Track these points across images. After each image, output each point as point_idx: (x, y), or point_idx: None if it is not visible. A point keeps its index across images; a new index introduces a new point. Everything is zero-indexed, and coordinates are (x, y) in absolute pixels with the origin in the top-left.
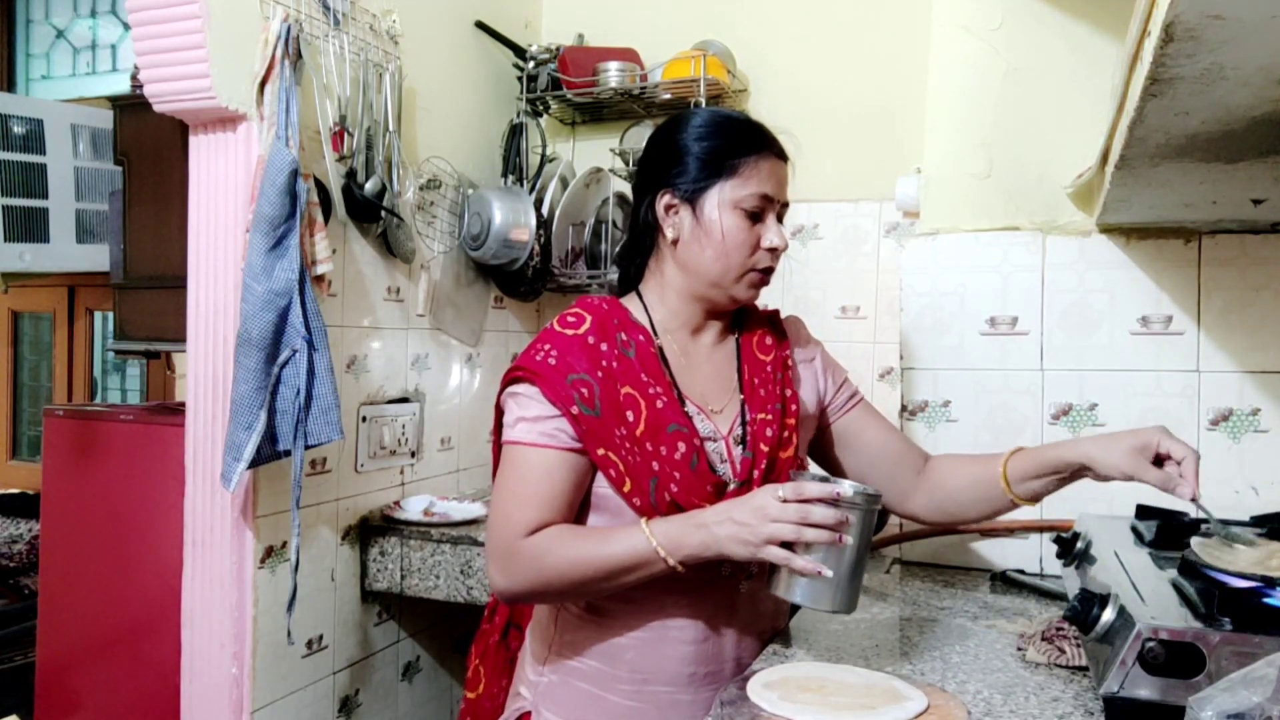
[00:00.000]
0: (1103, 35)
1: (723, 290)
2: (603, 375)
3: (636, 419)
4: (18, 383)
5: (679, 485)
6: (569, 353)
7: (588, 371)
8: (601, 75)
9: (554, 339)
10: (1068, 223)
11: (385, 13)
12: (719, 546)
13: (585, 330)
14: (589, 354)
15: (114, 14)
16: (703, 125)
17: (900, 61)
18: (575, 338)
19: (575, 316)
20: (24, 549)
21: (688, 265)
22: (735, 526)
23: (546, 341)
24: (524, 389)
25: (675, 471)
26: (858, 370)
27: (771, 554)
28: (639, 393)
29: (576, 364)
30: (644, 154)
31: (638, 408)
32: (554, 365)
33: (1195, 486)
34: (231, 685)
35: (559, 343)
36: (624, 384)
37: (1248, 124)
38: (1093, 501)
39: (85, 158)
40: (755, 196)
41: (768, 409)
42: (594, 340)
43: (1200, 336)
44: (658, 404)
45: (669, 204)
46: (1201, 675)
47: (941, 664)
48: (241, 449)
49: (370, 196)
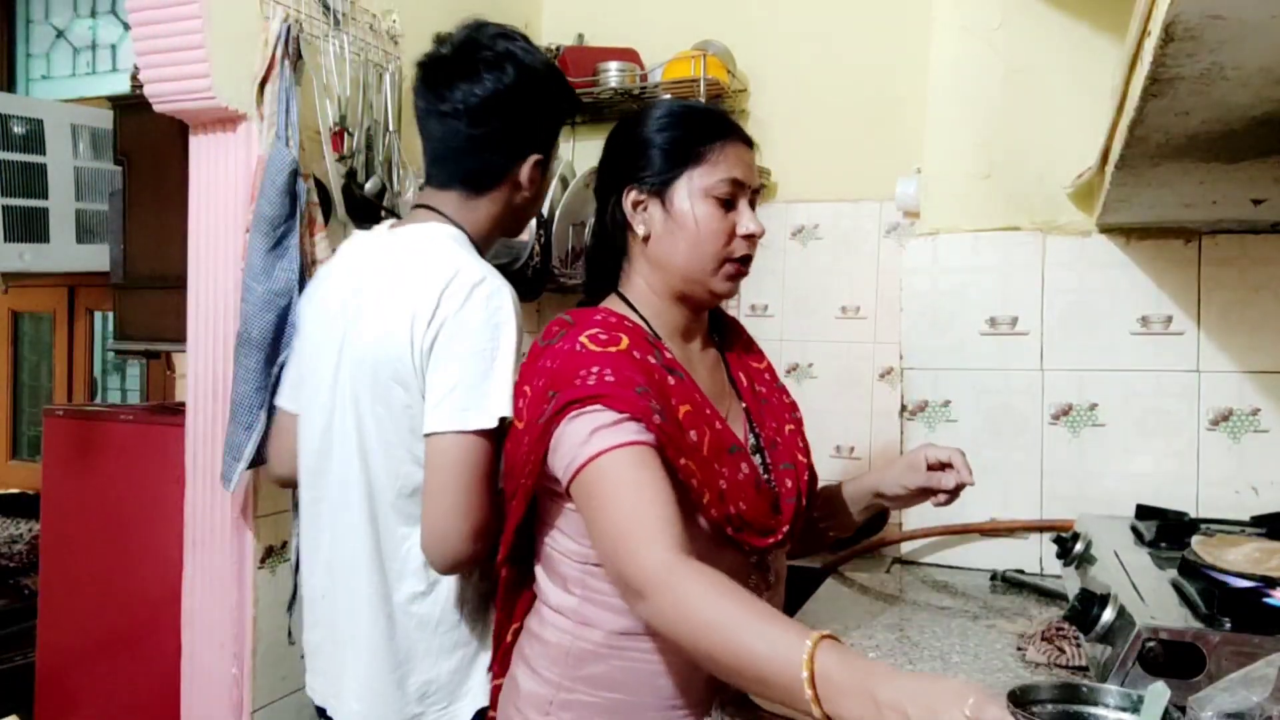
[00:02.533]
0: (1103, 35)
1: (700, 284)
2: (659, 391)
3: (700, 439)
4: (18, 383)
5: (747, 505)
6: (624, 368)
7: (649, 385)
8: (601, 75)
9: (599, 359)
10: (1068, 223)
11: (385, 13)
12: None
13: (627, 346)
14: (643, 370)
15: (114, 14)
16: (663, 116)
17: (900, 61)
18: (621, 354)
19: (606, 334)
20: (24, 549)
21: (662, 261)
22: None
23: (593, 364)
24: (588, 409)
25: (740, 493)
26: (858, 370)
27: None
28: (697, 412)
29: (636, 377)
30: (605, 153)
31: (700, 428)
32: (614, 381)
33: (967, 475)
34: (231, 685)
35: (607, 361)
36: (681, 402)
37: (1248, 124)
38: (1093, 501)
39: (85, 158)
40: (726, 182)
41: (788, 417)
42: (640, 355)
43: (1200, 336)
44: (716, 424)
45: (636, 200)
46: (1201, 675)
47: (941, 664)
48: (241, 449)
49: (370, 196)
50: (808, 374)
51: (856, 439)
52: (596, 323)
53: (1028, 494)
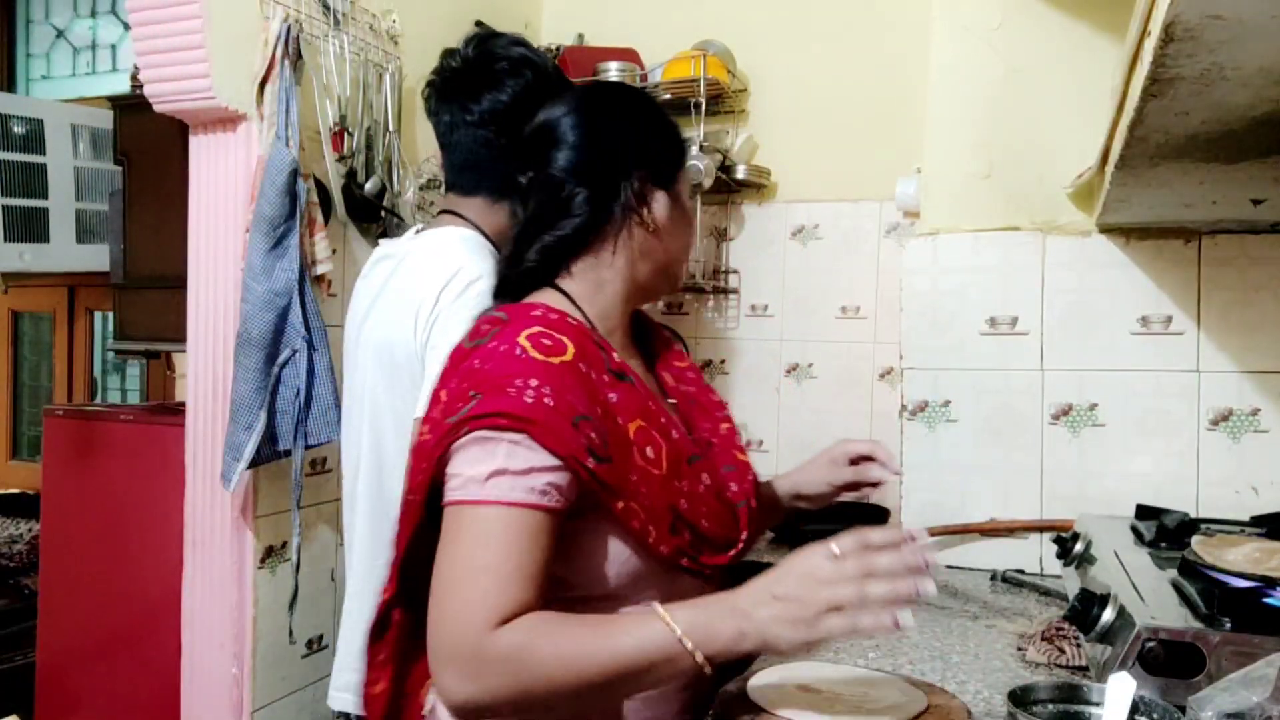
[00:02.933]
0: (1103, 35)
1: (674, 279)
2: (603, 412)
3: (657, 456)
4: (18, 383)
5: (709, 520)
6: (566, 388)
7: (589, 411)
8: (601, 75)
9: (540, 371)
10: (1068, 223)
11: (385, 13)
12: (761, 633)
13: (573, 356)
14: (586, 387)
15: (114, 14)
16: (659, 108)
17: (900, 61)
18: (565, 366)
19: (550, 337)
20: (24, 549)
21: (656, 254)
22: (781, 605)
23: (531, 374)
24: (512, 437)
25: (703, 506)
26: (858, 370)
27: (832, 628)
28: (651, 423)
29: (578, 402)
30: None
31: (656, 443)
32: (553, 406)
33: (893, 466)
34: (231, 685)
35: (549, 376)
36: (630, 419)
37: (1248, 124)
38: (1093, 501)
39: (85, 158)
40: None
41: (719, 415)
42: (585, 368)
43: (1200, 336)
44: (673, 433)
45: (649, 188)
46: (1201, 675)
47: (941, 664)
48: (241, 449)
49: (370, 196)
50: (808, 374)
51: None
52: (536, 319)
53: (1028, 494)
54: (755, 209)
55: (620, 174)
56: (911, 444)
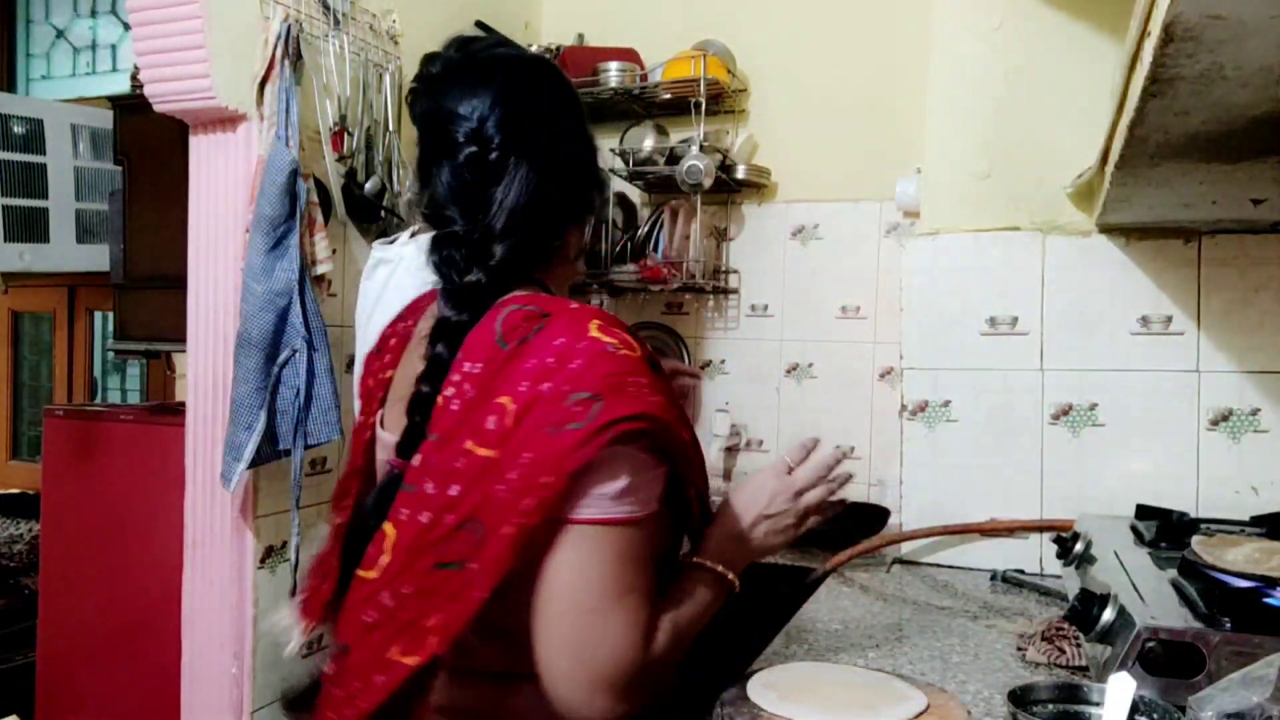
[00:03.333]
0: (1103, 35)
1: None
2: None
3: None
4: (18, 383)
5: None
6: (659, 382)
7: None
8: (602, 75)
9: (638, 367)
10: (1068, 223)
11: (385, 13)
12: (763, 550)
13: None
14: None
15: (114, 14)
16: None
17: (900, 61)
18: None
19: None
20: (24, 549)
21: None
22: (771, 521)
23: (635, 371)
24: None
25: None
26: (858, 370)
27: (811, 525)
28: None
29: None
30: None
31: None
32: (664, 403)
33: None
34: (231, 685)
35: (646, 372)
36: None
37: (1248, 124)
38: (1093, 501)
39: (85, 158)
40: None
41: None
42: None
43: (1200, 336)
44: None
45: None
46: (1201, 675)
47: (941, 664)
48: (242, 449)
49: (370, 196)
50: (808, 374)
51: (856, 439)
52: (596, 312)
53: (1028, 494)
54: (755, 209)
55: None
56: (911, 444)
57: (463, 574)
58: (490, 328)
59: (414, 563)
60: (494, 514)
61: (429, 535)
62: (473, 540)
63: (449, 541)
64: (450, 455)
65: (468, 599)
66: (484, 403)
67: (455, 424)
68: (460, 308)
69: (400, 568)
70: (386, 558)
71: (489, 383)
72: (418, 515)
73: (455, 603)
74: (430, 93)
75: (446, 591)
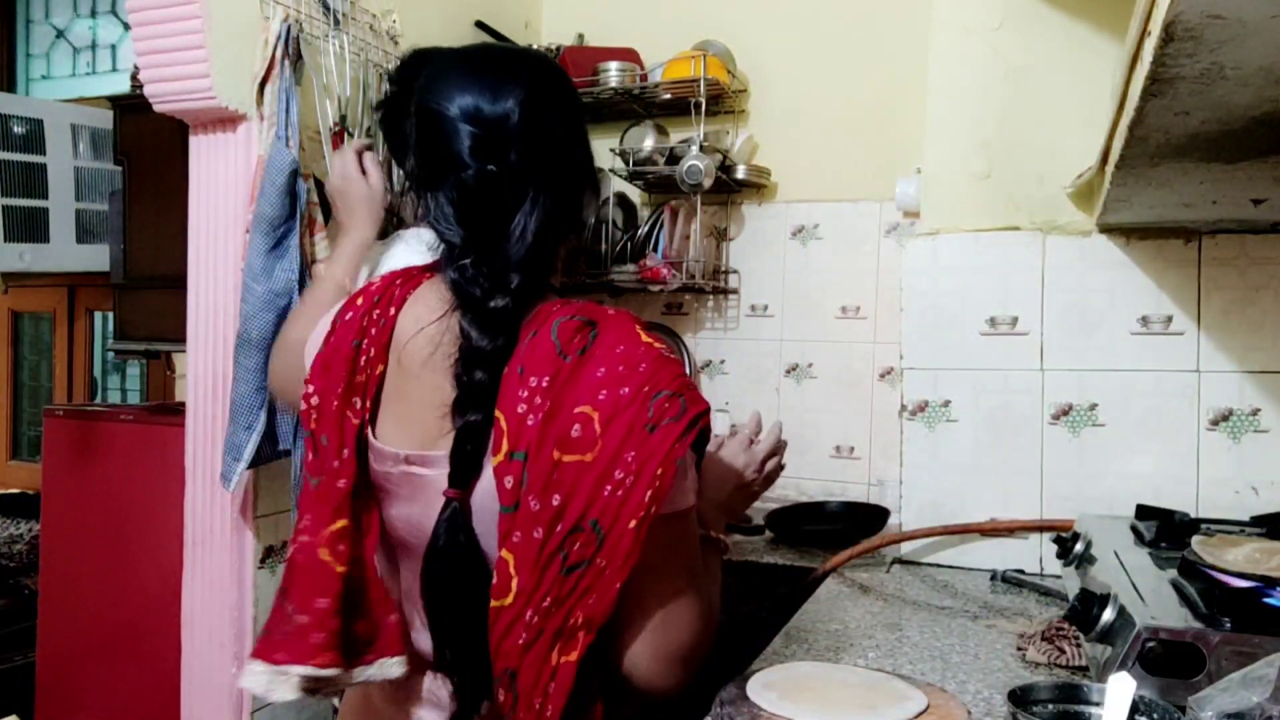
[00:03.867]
0: (1103, 35)
1: None
2: None
3: None
4: (18, 383)
5: None
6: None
7: None
8: (601, 75)
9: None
10: (1068, 223)
11: (385, 13)
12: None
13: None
14: None
15: (114, 14)
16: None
17: (900, 61)
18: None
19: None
20: (24, 549)
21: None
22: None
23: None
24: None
25: None
26: (858, 370)
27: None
28: None
29: None
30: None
31: None
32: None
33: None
34: (231, 685)
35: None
36: None
37: (1248, 124)
38: (1093, 501)
39: (85, 158)
40: None
41: None
42: None
43: (1200, 336)
44: None
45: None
46: (1201, 675)
47: (941, 664)
48: (241, 449)
49: None
50: (808, 374)
51: (856, 439)
52: (626, 315)
53: (1028, 494)
54: (755, 209)
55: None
56: (911, 444)
57: (593, 569)
58: (547, 340)
59: (544, 576)
60: (610, 513)
61: (548, 548)
62: (593, 541)
63: (568, 546)
64: (542, 468)
65: (606, 590)
66: (560, 413)
67: (538, 438)
68: (494, 334)
69: (533, 585)
70: (515, 580)
71: (560, 393)
72: (531, 533)
73: (593, 595)
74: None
75: (582, 588)
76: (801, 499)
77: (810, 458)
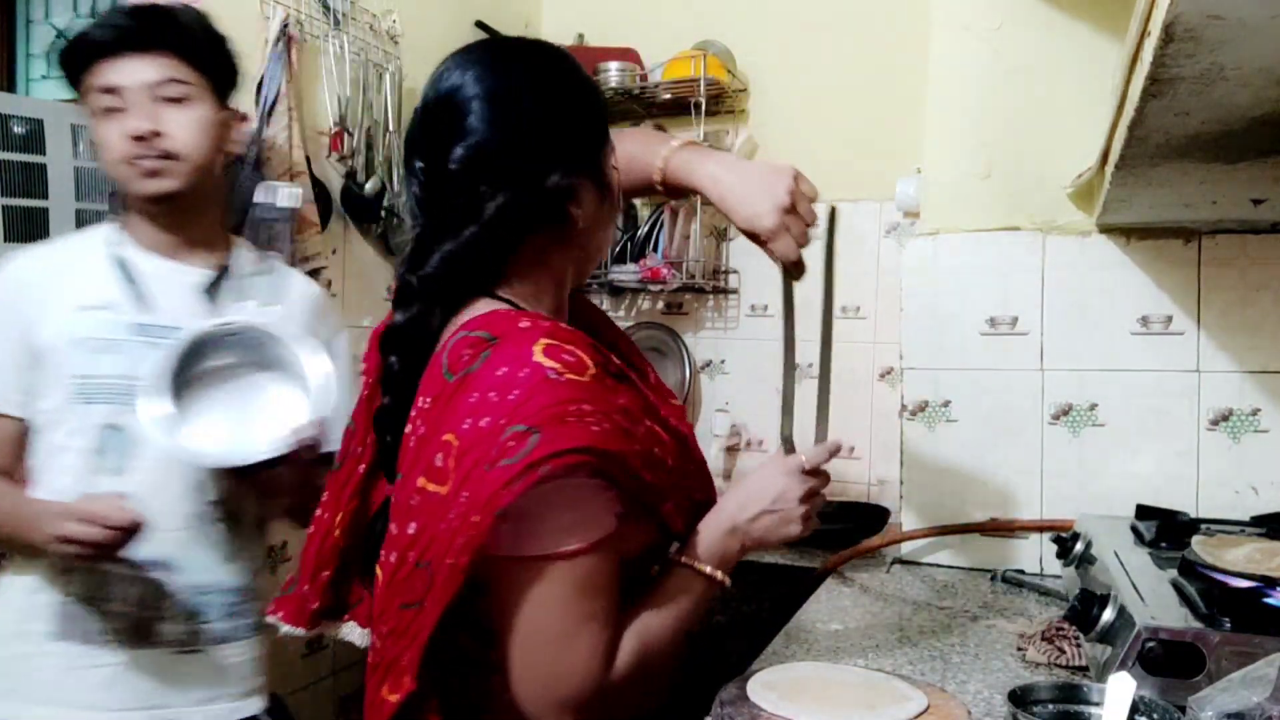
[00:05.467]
0: (1103, 35)
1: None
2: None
3: (664, 453)
4: None
5: (700, 489)
6: (607, 407)
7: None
8: (602, 75)
9: (584, 392)
10: (1068, 223)
11: (385, 13)
12: (760, 544)
13: (594, 371)
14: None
15: None
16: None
17: (900, 61)
18: (594, 381)
19: (569, 353)
20: None
21: (590, 247)
22: (773, 517)
23: (579, 398)
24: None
25: (703, 482)
26: (857, 370)
27: (805, 530)
28: (655, 421)
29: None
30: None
31: (664, 440)
32: (613, 430)
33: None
34: None
35: (593, 396)
36: (641, 421)
37: (1248, 124)
38: (1093, 501)
39: (85, 158)
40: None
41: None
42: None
43: (1200, 336)
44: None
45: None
46: (1201, 675)
47: (941, 664)
48: None
49: (370, 196)
50: (808, 374)
51: (856, 439)
52: (545, 330)
53: (1028, 494)
54: None
55: (542, 169)
56: (911, 444)
57: (419, 612)
58: (440, 357)
59: (390, 603)
60: (438, 552)
61: (398, 575)
62: (426, 579)
63: (410, 580)
64: (407, 493)
65: (418, 634)
66: (433, 439)
67: (411, 462)
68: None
69: (382, 609)
70: (378, 601)
71: (438, 418)
72: (389, 556)
73: (411, 639)
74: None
75: (411, 631)
76: None
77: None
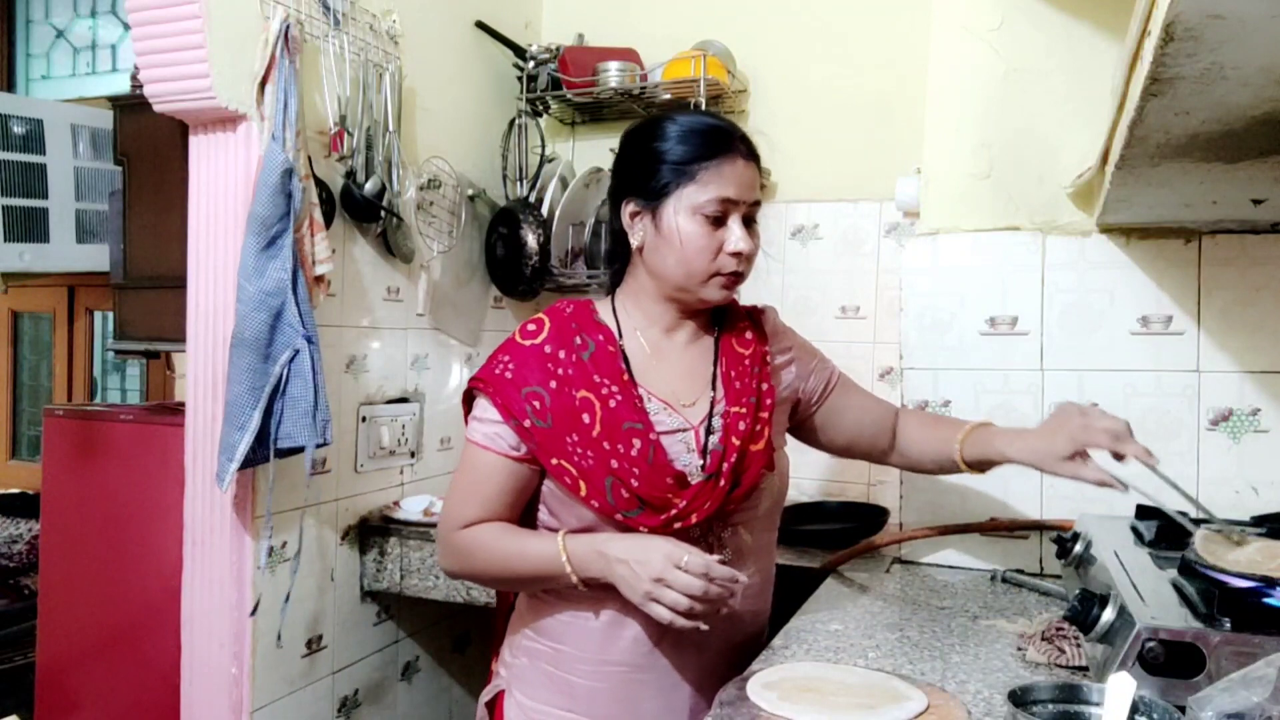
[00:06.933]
0: (1103, 35)
1: (691, 293)
2: (557, 384)
3: (592, 421)
4: (18, 383)
5: (640, 480)
6: (525, 365)
7: (540, 383)
8: (601, 75)
9: (513, 350)
10: (1068, 223)
11: (385, 13)
12: (614, 581)
13: (543, 339)
14: (544, 364)
15: (114, 14)
16: (666, 132)
17: (900, 61)
18: (533, 348)
19: (535, 324)
20: (24, 549)
21: (654, 270)
22: (628, 571)
23: (505, 353)
24: (482, 395)
25: (634, 468)
26: (857, 370)
27: (654, 611)
28: (594, 394)
29: (531, 376)
30: (616, 159)
31: (593, 410)
32: (510, 379)
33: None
34: (231, 685)
35: (517, 354)
36: (579, 388)
37: (1248, 124)
38: (1093, 502)
39: (85, 158)
40: (715, 201)
41: (742, 402)
42: (551, 349)
43: (1200, 336)
44: (611, 403)
45: (634, 211)
46: (1201, 675)
47: (941, 664)
48: (235, 449)
49: (370, 196)
50: None
51: None
52: (549, 312)
53: (1028, 494)
54: None
55: (616, 200)
56: None
57: None
58: None
59: None
60: None
61: None
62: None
63: None
64: None
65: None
66: None
67: None
68: None
69: None
70: None
71: None
72: None
73: None
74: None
75: None
76: (801, 499)
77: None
